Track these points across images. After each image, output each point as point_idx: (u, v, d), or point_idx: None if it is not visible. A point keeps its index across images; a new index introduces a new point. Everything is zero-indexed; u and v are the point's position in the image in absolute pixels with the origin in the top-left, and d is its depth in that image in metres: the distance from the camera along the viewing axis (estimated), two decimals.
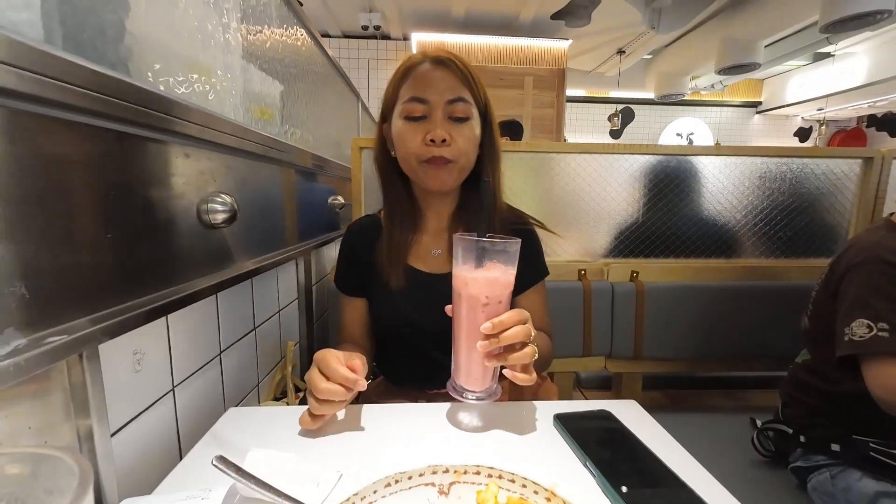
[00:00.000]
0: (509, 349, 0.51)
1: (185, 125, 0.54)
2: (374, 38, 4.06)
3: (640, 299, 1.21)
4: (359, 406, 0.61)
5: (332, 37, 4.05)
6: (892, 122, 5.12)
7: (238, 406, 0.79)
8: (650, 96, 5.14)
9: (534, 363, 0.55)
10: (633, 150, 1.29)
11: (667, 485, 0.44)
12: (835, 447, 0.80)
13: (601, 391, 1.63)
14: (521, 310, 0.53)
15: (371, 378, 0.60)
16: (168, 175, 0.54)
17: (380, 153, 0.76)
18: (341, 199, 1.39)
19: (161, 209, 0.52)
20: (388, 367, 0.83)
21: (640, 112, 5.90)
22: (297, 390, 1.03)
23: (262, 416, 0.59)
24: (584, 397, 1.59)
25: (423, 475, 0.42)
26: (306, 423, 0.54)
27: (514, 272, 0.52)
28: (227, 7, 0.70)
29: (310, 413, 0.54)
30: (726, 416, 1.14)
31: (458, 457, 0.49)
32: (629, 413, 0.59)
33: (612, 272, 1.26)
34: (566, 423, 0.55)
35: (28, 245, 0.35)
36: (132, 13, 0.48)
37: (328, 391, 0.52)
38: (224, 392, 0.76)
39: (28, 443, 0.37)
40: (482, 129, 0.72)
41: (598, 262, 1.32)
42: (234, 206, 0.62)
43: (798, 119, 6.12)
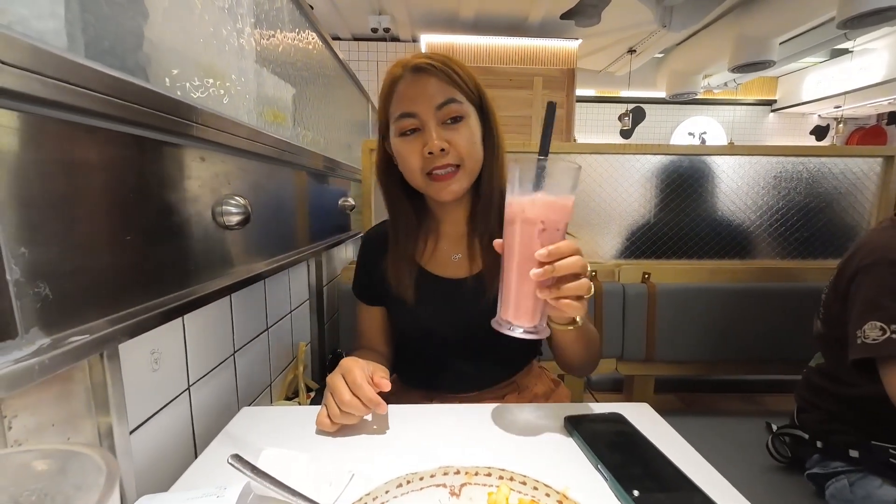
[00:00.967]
0: (562, 281, 0.48)
1: (201, 129, 0.55)
2: (383, 40, 4.08)
3: (651, 301, 1.20)
4: None
5: (342, 39, 4.08)
6: None
7: (251, 405, 0.81)
8: (662, 95, 5.09)
9: (584, 344, 0.52)
10: (643, 150, 1.28)
11: (680, 489, 0.43)
12: (853, 453, 0.78)
13: (612, 394, 1.62)
14: (575, 241, 0.50)
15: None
16: (184, 178, 0.55)
17: (383, 170, 0.73)
18: (352, 201, 1.40)
19: (177, 212, 0.54)
20: (402, 368, 0.82)
21: (651, 111, 5.84)
22: (308, 390, 1.04)
23: (275, 416, 0.60)
24: (595, 400, 1.57)
25: (434, 476, 0.42)
26: (325, 426, 0.54)
27: (573, 199, 0.49)
28: (241, 13, 0.71)
29: (329, 417, 0.54)
30: (741, 421, 1.12)
31: (469, 458, 0.49)
32: (641, 416, 0.59)
33: (623, 273, 1.25)
34: (578, 425, 0.54)
35: (51, 247, 0.36)
36: (150, 20, 0.49)
37: (352, 405, 0.52)
38: (238, 391, 0.77)
39: (51, 439, 0.38)
40: (482, 123, 0.68)
41: (609, 263, 1.31)
42: (247, 208, 0.63)
43: (815, 117, 6.00)
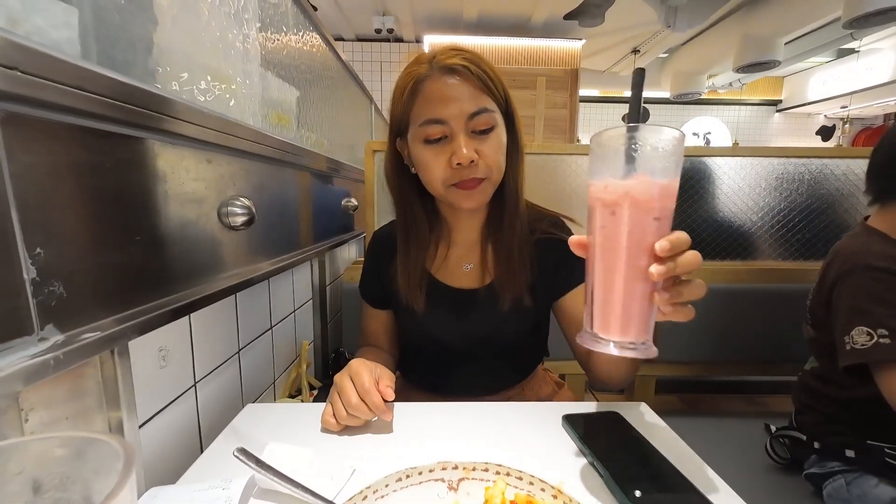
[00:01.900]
0: (679, 282, 0.40)
1: (207, 132, 0.56)
2: (387, 41, 4.10)
3: None
4: None
5: (346, 40, 4.10)
6: None
7: (255, 402, 0.82)
8: (666, 95, 5.07)
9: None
10: None
11: (674, 485, 0.44)
12: (849, 453, 0.79)
13: (613, 394, 1.62)
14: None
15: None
16: (191, 180, 0.56)
17: (393, 170, 0.68)
18: (355, 202, 1.42)
19: (185, 212, 0.55)
20: (406, 369, 0.82)
21: (655, 111, 5.82)
22: (311, 388, 1.06)
23: (279, 413, 0.61)
24: (597, 400, 1.58)
25: (433, 471, 0.43)
26: (331, 425, 0.55)
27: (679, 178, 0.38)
28: (246, 17, 0.72)
29: (335, 417, 0.54)
30: (741, 422, 1.13)
31: (467, 454, 0.50)
32: (639, 415, 0.60)
33: None
34: (575, 423, 0.55)
35: (65, 248, 0.38)
36: (160, 27, 0.50)
37: (359, 409, 0.53)
38: (242, 388, 0.79)
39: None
40: (506, 129, 0.64)
41: None
42: (252, 209, 0.64)
43: (820, 117, 5.95)
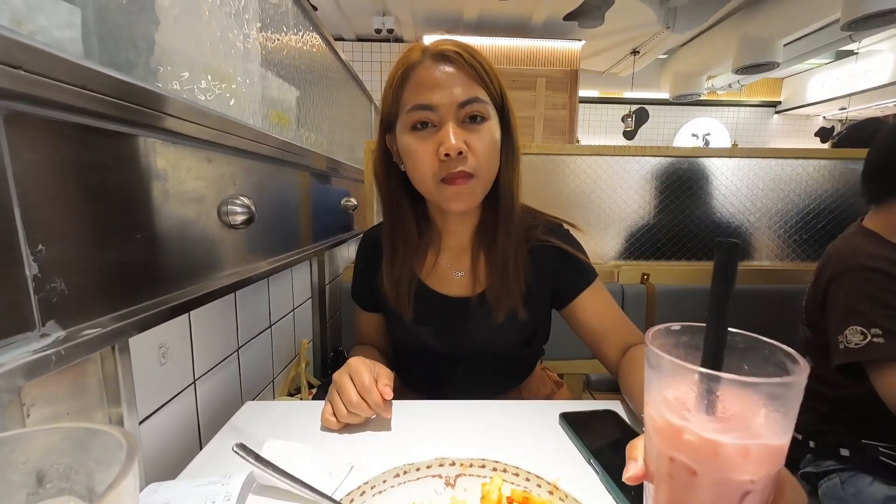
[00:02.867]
0: None
1: (207, 131, 0.57)
2: (387, 41, 4.10)
3: (650, 302, 1.22)
4: None
5: (346, 40, 4.10)
6: None
7: (254, 400, 0.82)
8: (665, 96, 5.08)
9: None
10: (645, 152, 1.29)
11: None
12: (844, 452, 0.79)
13: (611, 393, 1.62)
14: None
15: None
16: (192, 178, 0.57)
17: (381, 167, 0.66)
18: (354, 201, 1.42)
19: (185, 211, 0.55)
20: (402, 373, 0.81)
21: (654, 112, 5.83)
22: (310, 387, 1.06)
23: (278, 410, 0.62)
24: (594, 399, 1.58)
25: (430, 467, 0.44)
26: (331, 424, 0.55)
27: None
28: (247, 17, 0.73)
29: (335, 415, 0.55)
30: None
31: (464, 451, 0.50)
32: (635, 413, 0.60)
33: (622, 274, 1.26)
34: (571, 421, 0.56)
35: (66, 245, 0.38)
36: (161, 27, 0.51)
37: (359, 407, 0.53)
38: (241, 386, 0.79)
39: None
40: (500, 129, 0.62)
41: (609, 264, 1.32)
42: (252, 208, 0.64)
43: (819, 119, 5.97)
